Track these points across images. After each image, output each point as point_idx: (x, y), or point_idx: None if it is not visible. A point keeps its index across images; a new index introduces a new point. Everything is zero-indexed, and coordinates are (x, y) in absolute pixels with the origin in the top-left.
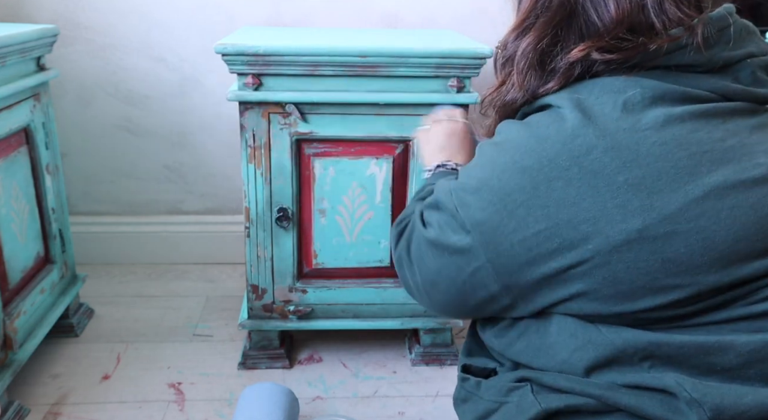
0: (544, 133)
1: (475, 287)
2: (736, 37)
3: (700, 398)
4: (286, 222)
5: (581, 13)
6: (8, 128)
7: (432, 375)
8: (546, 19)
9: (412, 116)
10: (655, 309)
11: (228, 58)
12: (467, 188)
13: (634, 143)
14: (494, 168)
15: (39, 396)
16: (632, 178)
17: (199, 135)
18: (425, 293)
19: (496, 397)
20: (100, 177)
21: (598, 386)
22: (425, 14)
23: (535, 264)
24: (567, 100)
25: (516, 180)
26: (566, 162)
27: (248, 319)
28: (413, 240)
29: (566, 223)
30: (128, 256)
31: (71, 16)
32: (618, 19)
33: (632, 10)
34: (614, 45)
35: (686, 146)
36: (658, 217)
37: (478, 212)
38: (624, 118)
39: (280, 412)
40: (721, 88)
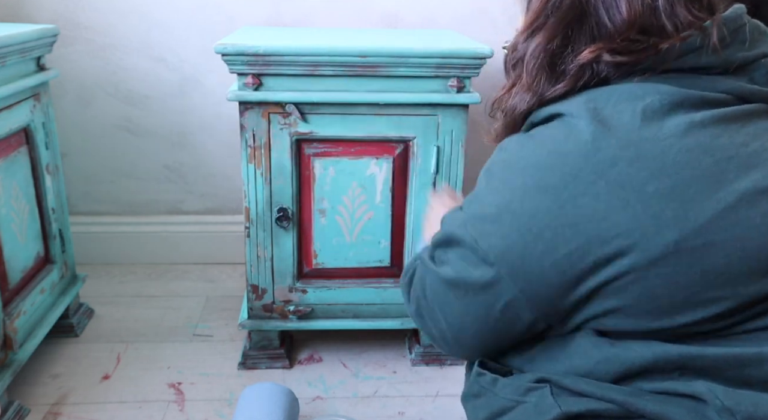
0: (562, 148)
1: (510, 322)
2: (750, 37)
3: (733, 406)
4: (286, 222)
5: (592, 14)
6: (8, 128)
7: (432, 375)
8: (556, 19)
9: (412, 116)
10: (695, 324)
11: (228, 58)
12: (485, 216)
13: (659, 152)
14: (513, 191)
15: (39, 396)
16: (663, 187)
17: (199, 135)
18: (454, 340)
19: (512, 396)
20: (100, 177)
21: (622, 392)
22: (425, 14)
23: (571, 286)
24: (582, 109)
25: (539, 201)
26: (591, 176)
27: (248, 319)
28: (428, 285)
29: (598, 240)
30: (128, 256)
31: (71, 16)
32: (630, 21)
33: (644, 12)
34: (625, 47)
35: (711, 153)
36: (693, 227)
37: (500, 241)
38: (645, 126)
39: (280, 412)
40: (737, 89)
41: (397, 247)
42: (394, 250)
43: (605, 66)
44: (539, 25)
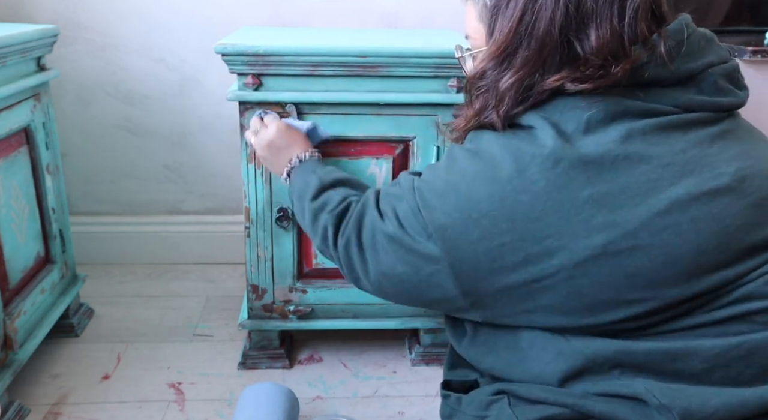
0: (517, 147)
1: (431, 287)
2: (695, 47)
3: (668, 403)
4: (286, 222)
5: (564, 41)
6: (8, 128)
7: (432, 375)
8: (531, 53)
9: (412, 116)
10: (620, 321)
11: (228, 58)
12: (433, 189)
13: (598, 158)
14: (464, 174)
15: (39, 396)
16: (596, 193)
17: (199, 135)
18: (376, 283)
19: (476, 412)
20: (100, 177)
21: (572, 396)
22: (425, 14)
23: (497, 274)
24: (540, 119)
25: (485, 189)
26: (535, 175)
27: (248, 319)
28: (365, 226)
29: (531, 238)
30: (128, 256)
31: (71, 16)
32: (598, 48)
33: (612, 39)
34: (587, 75)
35: (648, 160)
36: (621, 232)
37: (442, 216)
38: (588, 133)
39: (280, 412)
40: (684, 102)
41: None
42: None
43: (568, 91)
44: (510, 52)
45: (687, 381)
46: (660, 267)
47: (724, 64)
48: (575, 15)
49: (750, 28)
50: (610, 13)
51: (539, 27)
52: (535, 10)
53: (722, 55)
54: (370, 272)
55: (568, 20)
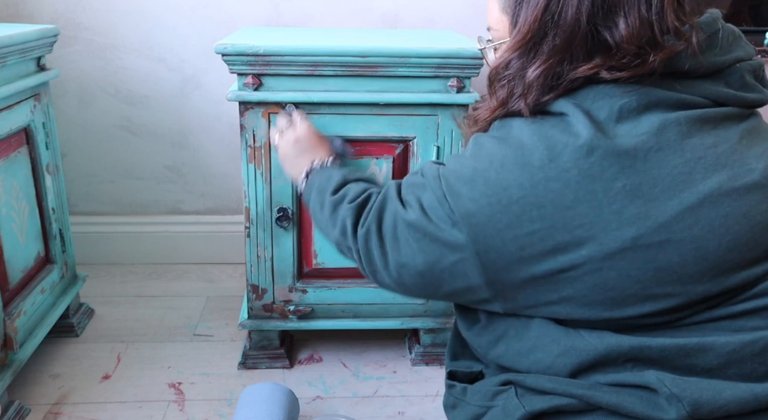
0: (550, 134)
1: (454, 276)
2: (725, 42)
3: (679, 393)
4: (286, 222)
5: (592, 30)
6: (8, 128)
7: (432, 375)
8: (559, 42)
9: (412, 116)
10: (643, 316)
11: (228, 58)
12: (460, 176)
13: (631, 148)
14: (492, 160)
15: (39, 396)
16: (629, 184)
17: (199, 135)
18: (395, 274)
19: (482, 402)
20: (100, 177)
21: (581, 386)
22: (425, 14)
23: (524, 263)
24: (572, 106)
25: (515, 175)
26: (567, 163)
27: (248, 319)
28: (386, 216)
29: (561, 226)
30: (128, 256)
31: (71, 16)
32: (627, 37)
33: (641, 27)
34: (624, 64)
35: (681, 152)
36: (653, 225)
37: (469, 203)
38: (621, 123)
39: (280, 412)
40: (713, 93)
41: None
42: None
43: (602, 79)
44: (536, 41)
45: (701, 376)
46: (689, 262)
47: (751, 61)
48: (602, 3)
49: (750, 28)
50: (638, 1)
51: (566, 15)
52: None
53: (749, 51)
54: (389, 263)
55: (595, 9)
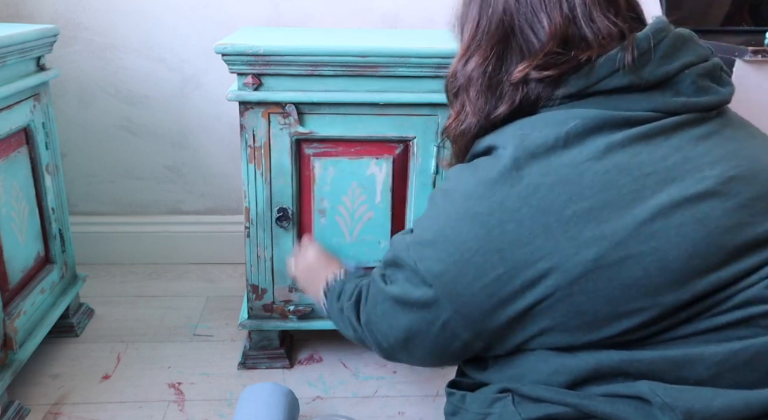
0: (490, 178)
1: (448, 338)
2: (670, 49)
3: (672, 402)
4: (286, 222)
5: (519, 33)
6: (8, 128)
7: (432, 375)
8: (486, 41)
9: (412, 116)
10: (622, 334)
11: (228, 58)
12: (423, 241)
13: (577, 176)
14: (447, 218)
15: (39, 396)
16: (579, 210)
17: (199, 135)
18: (403, 351)
19: (480, 409)
20: (100, 177)
21: (576, 396)
22: (425, 14)
23: (500, 308)
24: (509, 139)
25: (468, 228)
26: (516, 204)
27: (248, 319)
28: (378, 302)
29: (523, 264)
30: (128, 256)
31: (71, 16)
32: (551, 34)
33: (563, 23)
34: (550, 61)
35: (628, 171)
36: (610, 244)
37: (436, 264)
38: (566, 151)
39: (280, 412)
40: (662, 106)
41: None
42: None
43: (535, 84)
44: (473, 50)
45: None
46: (653, 274)
47: (704, 63)
48: (526, 3)
49: (750, 28)
50: (559, 1)
51: (493, 21)
52: (490, 6)
53: (701, 53)
54: (391, 341)
55: (518, 8)
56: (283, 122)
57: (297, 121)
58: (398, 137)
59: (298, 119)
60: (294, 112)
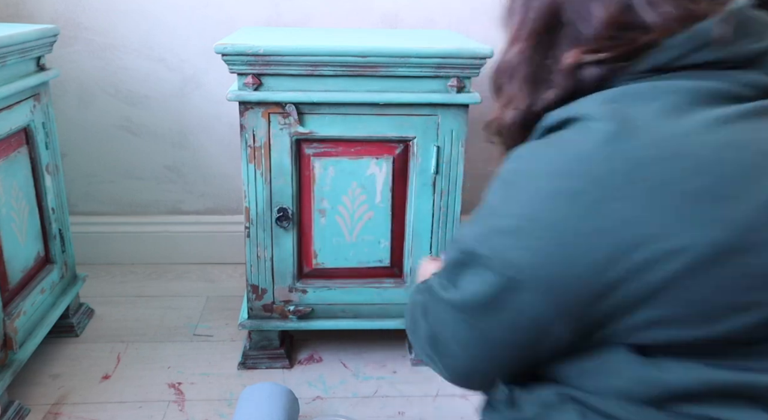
0: (584, 153)
1: (537, 340)
2: (760, 28)
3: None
4: (286, 222)
5: (568, 22)
6: (8, 128)
7: (432, 375)
8: (532, 31)
9: (412, 116)
10: (736, 332)
11: (228, 58)
12: (502, 230)
13: (690, 150)
14: (533, 199)
15: (39, 396)
16: (700, 186)
17: (199, 135)
18: (473, 371)
19: (533, 410)
20: (100, 177)
21: (658, 418)
22: (425, 14)
23: (603, 295)
24: (599, 111)
25: (563, 208)
26: (618, 179)
27: (248, 319)
28: (439, 318)
29: (634, 245)
30: (128, 256)
31: (71, 16)
32: (605, 22)
33: (618, 11)
34: (606, 45)
35: (743, 148)
36: (736, 227)
37: (523, 253)
38: (671, 123)
39: (280, 412)
40: (759, 82)
41: (397, 247)
42: (394, 250)
43: (593, 67)
44: (519, 40)
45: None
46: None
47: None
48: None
49: None
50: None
51: (541, 10)
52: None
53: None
54: (459, 364)
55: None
56: (283, 122)
57: (297, 121)
58: (398, 137)
59: (298, 119)
60: (294, 112)
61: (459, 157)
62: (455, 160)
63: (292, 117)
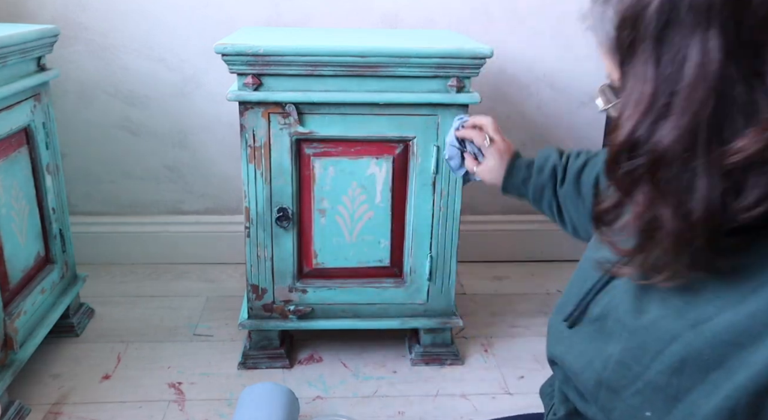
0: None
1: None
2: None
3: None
4: (286, 222)
5: (745, 86)
6: (9, 128)
7: (432, 375)
8: (687, 99)
9: (412, 116)
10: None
11: (228, 58)
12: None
13: None
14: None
15: (40, 395)
16: None
17: (199, 135)
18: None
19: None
20: (100, 177)
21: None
22: (425, 14)
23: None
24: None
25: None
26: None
27: (248, 319)
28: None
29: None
30: (128, 256)
31: (71, 16)
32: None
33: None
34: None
35: None
36: None
37: None
38: None
39: (280, 412)
40: None
41: (396, 247)
42: (394, 249)
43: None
44: (664, 104)
45: None
46: None
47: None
48: (749, 37)
49: None
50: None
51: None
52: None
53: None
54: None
55: (739, 48)
56: (283, 122)
57: (297, 121)
58: (398, 137)
59: (298, 119)
60: (294, 112)
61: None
62: None
63: (292, 117)
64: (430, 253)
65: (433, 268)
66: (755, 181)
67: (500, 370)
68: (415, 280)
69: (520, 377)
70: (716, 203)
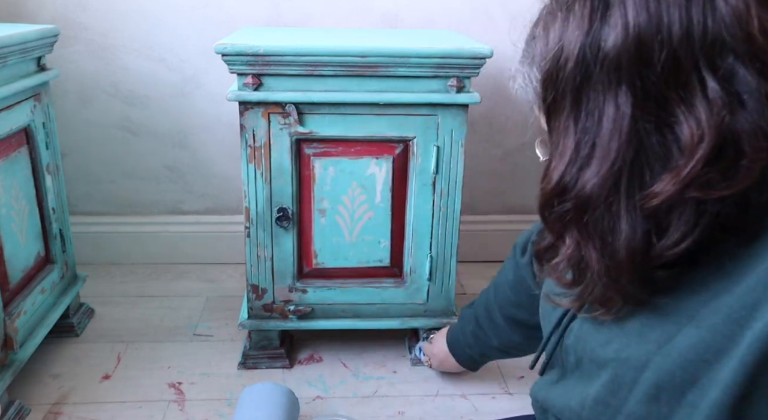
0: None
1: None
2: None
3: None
4: (286, 222)
5: (657, 135)
6: (8, 128)
7: (432, 375)
8: (610, 142)
9: (411, 116)
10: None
11: (228, 58)
12: None
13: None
14: None
15: (39, 396)
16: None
17: (199, 135)
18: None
19: None
20: (100, 177)
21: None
22: (425, 14)
23: None
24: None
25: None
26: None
27: (248, 319)
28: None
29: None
30: (128, 256)
31: (71, 16)
32: (695, 141)
33: (718, 128)
34: (711, 178)
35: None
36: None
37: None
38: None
39: (280, 412)
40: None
41: (397, 247)
42: (394, 250)
43: (715, 203)
44: (586, 153)
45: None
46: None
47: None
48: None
49: None
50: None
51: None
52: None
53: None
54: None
55: (643, 100)
56: (283, 122)
57: (297, 121)
58: (398, 137)
59: (298, 119)
60: (294, 112)
61: (459, 157)
62: (455, 160)
63: (292, 117)
64: (430, 253)
65: (433, 268)
66: (678, 221)
67: (500, 370)
68: (415, 280)
69: (520, 377)
70: (639, 244)
